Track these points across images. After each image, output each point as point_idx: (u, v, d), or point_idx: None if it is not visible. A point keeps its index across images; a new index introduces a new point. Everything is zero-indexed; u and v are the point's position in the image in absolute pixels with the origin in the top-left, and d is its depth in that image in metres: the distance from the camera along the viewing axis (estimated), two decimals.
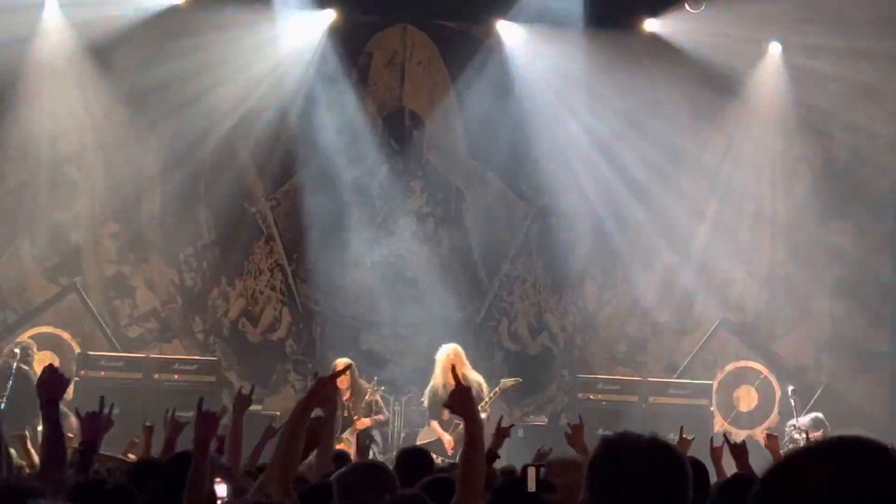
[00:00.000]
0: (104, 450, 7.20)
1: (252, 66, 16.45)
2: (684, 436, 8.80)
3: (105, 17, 16.04)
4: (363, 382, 14.54)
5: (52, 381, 5.59)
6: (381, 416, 14.58)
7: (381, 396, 14.86)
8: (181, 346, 16.66)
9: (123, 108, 16.47)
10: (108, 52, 16.31)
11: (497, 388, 14.51)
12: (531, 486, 4.31)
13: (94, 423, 5.92)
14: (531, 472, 4.34)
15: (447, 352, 14.42)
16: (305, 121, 16.78)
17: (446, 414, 11.00)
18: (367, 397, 14.41)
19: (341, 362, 14.14)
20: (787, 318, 17.61)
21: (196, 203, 16.87)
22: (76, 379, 15.01)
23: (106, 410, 6.13)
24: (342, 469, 5.55)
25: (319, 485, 5.55)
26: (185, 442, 7.10)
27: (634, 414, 15.10)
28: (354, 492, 5.07)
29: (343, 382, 14.04)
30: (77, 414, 6.09)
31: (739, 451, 7.79)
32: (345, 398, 14.09)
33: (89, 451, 5.77)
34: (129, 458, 8.57)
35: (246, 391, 8.05)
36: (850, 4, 16.38)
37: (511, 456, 11.74)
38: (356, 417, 14.20)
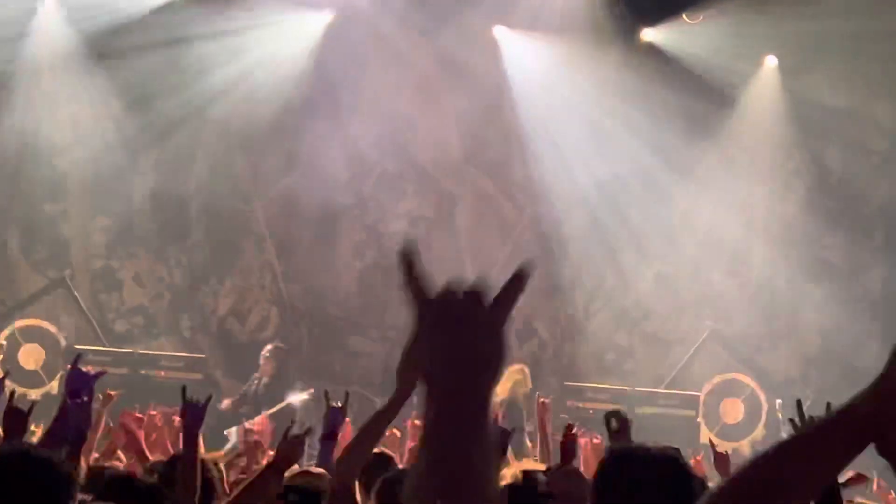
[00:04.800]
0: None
1: (249, 64, 16.42)
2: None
3: (102, 11, 16.00)
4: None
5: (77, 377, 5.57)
6: None
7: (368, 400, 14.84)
8: (167, 342, 16.61)
9: (117, 102, 16.43)
10: (103, 47, 16.26)
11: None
12: None
13: (85, 413, 5.75)
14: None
15: (513, 368, 14.51)
16: (300, 121, 16.74)
17: None
18: None
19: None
20: (776, 331, 17.60)
21: (187, 200, 16.84)
22: (61, 373, 14.97)
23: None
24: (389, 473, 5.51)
25: None
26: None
27: None
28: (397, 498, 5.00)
29: None
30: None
31: (722, 461, 7.70)
32: None
33: (79, 442, 5.66)
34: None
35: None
36: (846, 21, 16.37)
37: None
38: None
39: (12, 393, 5.69)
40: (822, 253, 17.53)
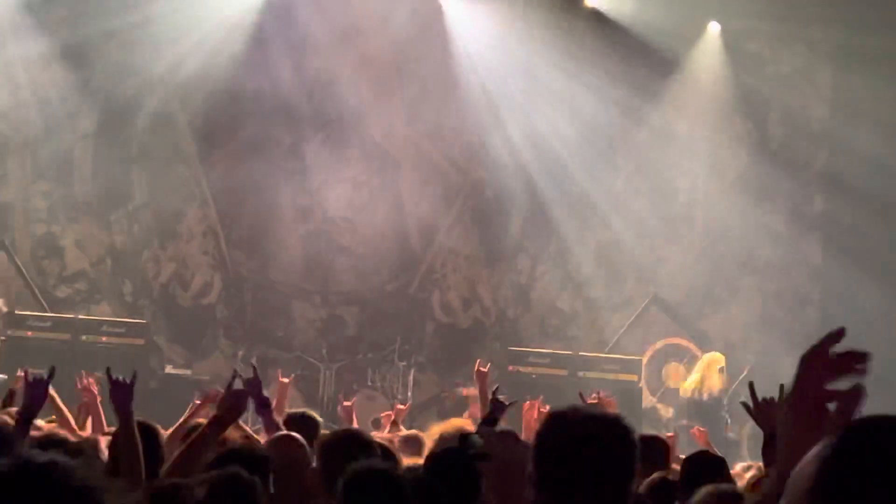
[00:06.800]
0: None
1: (191, 27, 16.26)
2: (608, 399, 8.95)
3: None
4: None
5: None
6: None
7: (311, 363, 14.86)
8: (110, 308, 16.51)
9: (59, 65, 16.26)
10: (44, 8, 16.07)
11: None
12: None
13: (39, 392, 5.74)
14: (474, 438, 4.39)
15: (709, 358, 14.77)
16: (243, 85, 16.63)
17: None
18: None
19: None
20: (717, 296, 17.75)
21: (129, 164, 16.70)
22: (2, 338, 14.85)
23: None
24: (326, 435, 5.62)
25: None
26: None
27: (564, 388, 15.16)
28: (335, 456, 5.07)
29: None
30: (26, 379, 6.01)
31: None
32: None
33: (29, 420, 5.67)
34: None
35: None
36: None
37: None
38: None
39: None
40: (762, 218, 17.67)
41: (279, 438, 5.85)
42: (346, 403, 10.13)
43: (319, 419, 7.22)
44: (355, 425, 9.40)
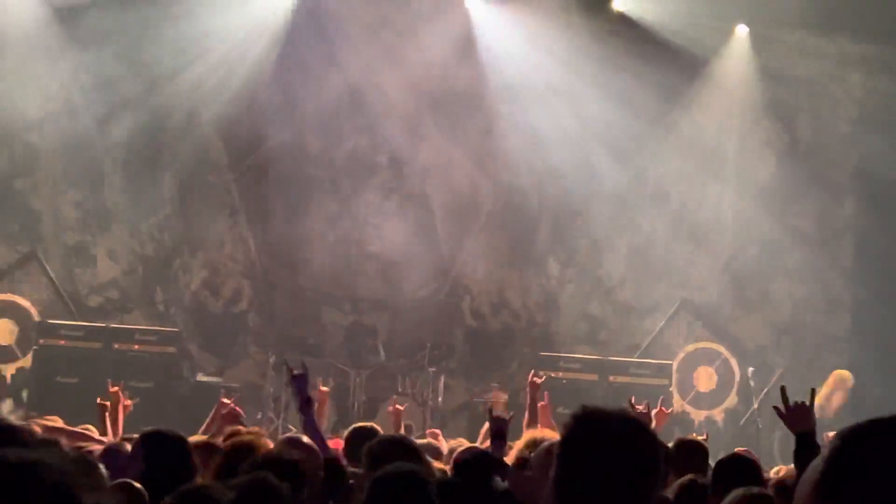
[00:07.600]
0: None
1: (220, 36, 16.33)
2: (662, 408, 8.97)
3: None
4: None
5: None
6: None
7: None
8: (141, 316, 16.57)
9: (89, 76, 16.34)
10: (75, 18, 16.16)
11: None
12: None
13: None
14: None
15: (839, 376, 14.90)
16: (272, 93, 16.69)
17: None
18: None
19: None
20: (748, 300, 17.70)
21: (160, 173, 16.77)
22: (35, 347, 14.95)
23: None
24: (371, 441, 5.78)
25: None
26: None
27: (595, 393, 15.16)
28: (382, 461, 5.13)
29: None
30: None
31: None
32: None
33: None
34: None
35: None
36: None
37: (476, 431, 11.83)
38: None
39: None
40: (793, 221, 17.62)
41: (287, 441, 5.90)
42: (398, 407, 10.33)
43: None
44: (402, 430, 9.50)
